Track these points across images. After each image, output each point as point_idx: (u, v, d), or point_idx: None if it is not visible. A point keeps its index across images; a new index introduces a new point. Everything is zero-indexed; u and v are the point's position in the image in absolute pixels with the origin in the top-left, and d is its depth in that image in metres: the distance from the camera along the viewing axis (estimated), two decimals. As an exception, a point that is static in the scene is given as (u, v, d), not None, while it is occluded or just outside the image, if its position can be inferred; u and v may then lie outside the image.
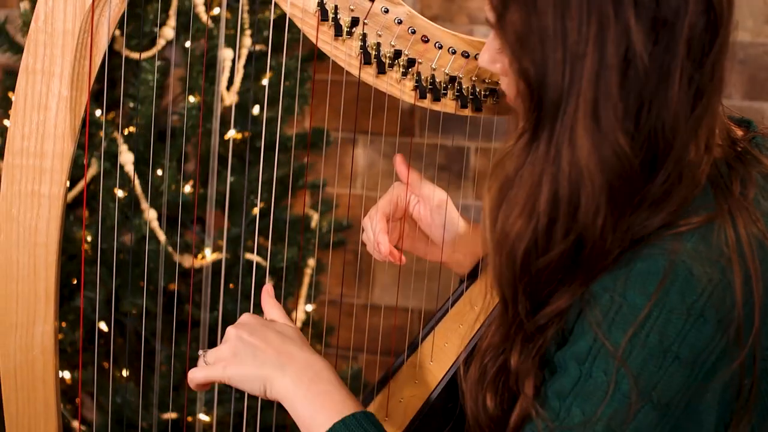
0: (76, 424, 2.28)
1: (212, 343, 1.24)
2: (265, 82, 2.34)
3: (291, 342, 1.19)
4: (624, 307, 1.00)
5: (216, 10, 2.30)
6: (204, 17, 2.27)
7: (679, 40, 0.98)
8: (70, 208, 2.29)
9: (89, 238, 2.25)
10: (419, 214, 1.42)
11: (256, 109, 2.33)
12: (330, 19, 1.26)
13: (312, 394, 1.13)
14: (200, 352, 1.22)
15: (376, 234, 1.36)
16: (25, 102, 1.27)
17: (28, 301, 1.32)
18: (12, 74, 2.28)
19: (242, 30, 2.31)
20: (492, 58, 1.12)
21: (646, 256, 1.01)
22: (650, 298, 0.99)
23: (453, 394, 1.31)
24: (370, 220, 1.38)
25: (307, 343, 1.21)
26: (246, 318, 1.22)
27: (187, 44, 2.33)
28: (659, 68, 0.98)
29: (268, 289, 1.28)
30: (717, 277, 0.99)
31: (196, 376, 1.20)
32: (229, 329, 1.20)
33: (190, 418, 2.29)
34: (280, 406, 1.17)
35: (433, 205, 1.40)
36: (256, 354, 1.17)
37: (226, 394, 2.30)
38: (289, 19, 1.27)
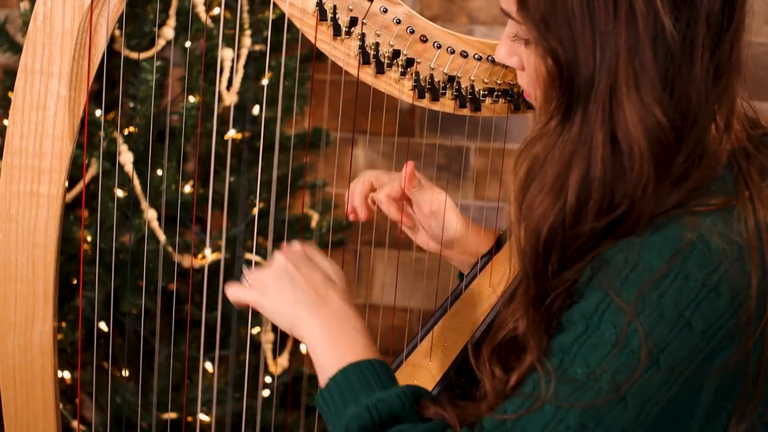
0: (76, 424, 2.28)
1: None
2: (264, 82, 2.34)
3: (332, 287, 1.18)
4: (640, 266, 0.99)
5: (216, 10, 2.30)
6: (204, 17, 2.27)
7: (700, 15, 1.00)
8: (70, 208, 2.29)
9: (89, 238, 2.25)
10: (417, 218, 1.42)
11: (255, 109, 2.33)
12: (329, 19, 1.26)
13: (335, 338, 1.12)
14: (244, 271, 1.22)
15: (353, 196, 1.38)
16: (23, 102, 1.27)
17: (27, 301, 1.32)
18: (12, 74, 2.28)
19: (242, 30, 2.31)
20: (509, 50, 1.12)
21: (663, 226, 1.01)
22: (667, 261, 0.98)
23: (451, 393, 1.31)
24: (357, 181, 1.41)
25: (348, 291, 1.20)
26: (297, 248, 1.22)
27: (187, 44, 2.33)
28: (684, 43, 1.00)
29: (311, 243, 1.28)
30: (734, 255, 0.99)
31: (234, 292, 1.20)
32: (278, 256, 1.20)
33: (189, 418, 2.29)
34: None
35: (430, 211, 1.40)
36: (295, 290, 1.16)
37: (226, 394, 2.30)
38: (288, 19, 1.27)
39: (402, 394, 1.06)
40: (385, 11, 1.26)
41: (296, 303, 1.16)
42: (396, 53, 1.28)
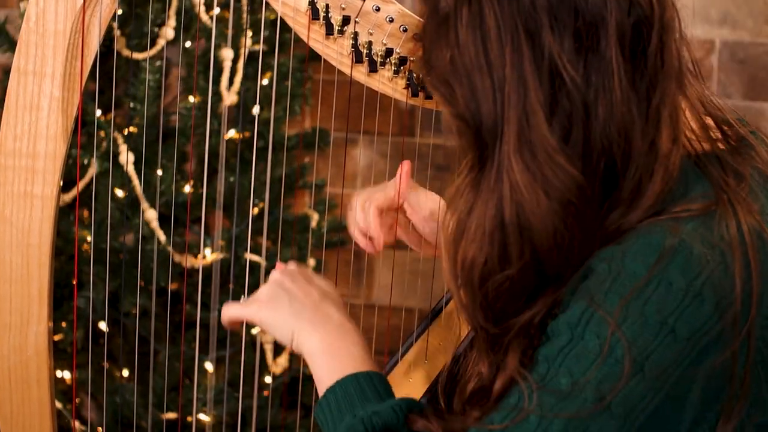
0: (76, 424, 2.29)
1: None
2: (264, 81, 2.34)
3: (330, 302, 1.18)
4: (622, 274, 0.98)
5: (216, 10, 2.30)
6: (204, 17, 2.28)
7: (608, 45, 0.98)
8: (70, 208, 2.29)
9: (89, 238, 2.25)
10: (413, 220, 1.42)
11: (255, 109, 2.33)
12: (321, 18, 1.26)
13: (334, 351, 1.13)
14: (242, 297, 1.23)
15: (372, 229, 1.35)
16: (16, 103, 1.27)
17: (22, 302, 1.32)
18: (12, 75, 2.28)
19: (241, 30, 2.31)
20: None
21: (646, 232, 1.00)
22: (649, 269, 0.98)
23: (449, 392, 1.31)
24: (363, 213, 1.37)
25: (343, 305, 1.20)
26: (293, 267, 1.22)
27: (188, 44, 2.33)
28: (593, 76, 0.98)
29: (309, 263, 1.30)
30: (717, 260, 0.98)
31: (230, 311, 1.21)
32: (274, 273, 1.20)
33: (189, 418, 2.30)
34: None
35: (423, 215, 1.40)
36: (293, 303, 1.17)
37: (225, 394, 2.30)
38: (281, 18, 1.27)
39: (397, 407, 1.06)
40: (378, 9, 1.26)
41: (295, 316, 1.16)
42: (389, 52, 1.27)
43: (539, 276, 1.03)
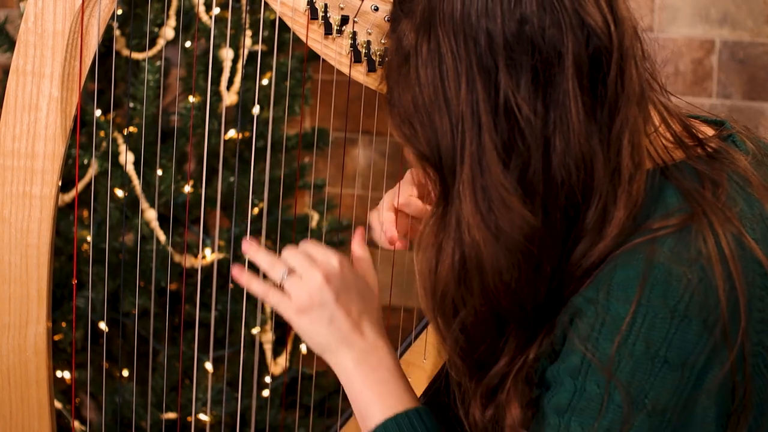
0: (76, 424, 2.29)
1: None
2: (264, 81, 2.34)
3: (367, 315, 1.17)
4: (608, 319, 0.99)
5: (216, 11, 2.30)
6: (204, 17, 2.28)
7: (564, 77, 0.97)
8: (70, 208, 2.29)
9: (89, 238, 2.25)
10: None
11: (255, 109, 2.33)
12: (320, 18, 1.26)
13: (370, 381, 1.14)
14: (282, 273, 1.16)
15: (385, 226, 1.35)
16: (15, 103, 1.27)
17: (21, 303, 1.32)
18: (12, 75, 2.28)
19: (241, 30, 2.31)
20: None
21: (624, 263, 1.00)
22: (632, 304, 0.98)
23: (446, 390, 1.31)
24: (379, 209, 1.37)
25: (380, 312, 1.20)
26: (337, 267, 1.16)
27: (188, 44, 2.33)
28: (551, 110, 0.98)
29: (360, 232, 1.26)
30: (697, 277, 0.98)
31: (269, 295, 1.17)
32: (317, 274, 1.14)
33: (189, 418, 2.30)
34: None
35: None
36: (332, 321, 1.14)
37: (225, 394, 2.30)
38: (280, 18, 1.27)
39: None
40: (377, 9, 1.26)
41: (333, 333, 1.15)
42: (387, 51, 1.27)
43: (498, 317, 1.05)
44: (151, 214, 2.25)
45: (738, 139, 1.11)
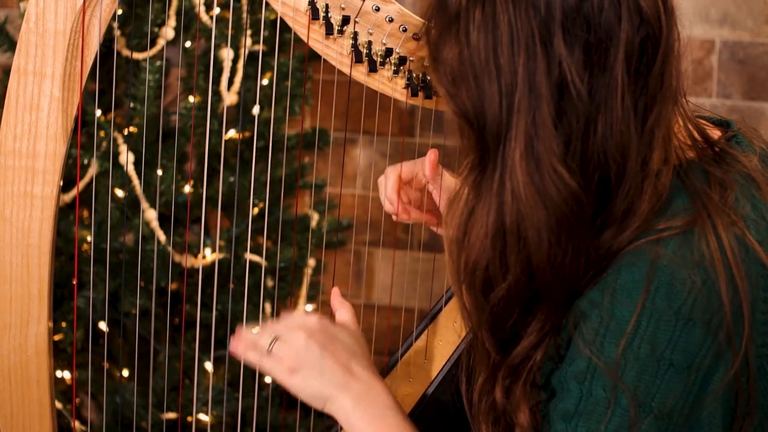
0: (76, 424, 2.29)
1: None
2: (264, 81, 2.34)
3: (356, 359, 1.18)
4: (612, 322, 0.99)
5: (216, 11, 2.30)
6: (204, 17, 2.28)
7: (616, 60, 0.98)
8: (70, 208, 2.29)
9: (89, 238, 2.25)
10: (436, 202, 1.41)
11: (255, 109, 2.33)
12: (321, 18, 1.26)
13: (370, 416, 1.14)
14: (269, 341, 1.19)
15: (388, 192, 1.35)
16: (16, 103, 1.27)
17: (22, 302, 1.32)
18: (12, 75, 2.28)
19: (241, 30, 2.31)
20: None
21: (628, 266, 1.00)
22: (636, 307, 0.98)
23: (447, 390, 1.31)
24: (384, 178, 1.37)
25: (369, 356, 1.20)
26: (317, 324, 1.19)
27: (188, 44, 2.33)
28: (598, 91, 0.98)
29: (336, 290, 1.28)
30: (701, 280, 0.98)
31: (258, 362, 1.19)
32: (300, 334, 1.17)
33: (189, 418, 2.30)
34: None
35: (449, 196, 1.39)
36: (323, 372, 1.16)
37: (225, 394, 2.30)
38: (281, 18, 1.27)
39: None
40: (378, 9, 1.26)
41: (327, 384, 1.16)
42: (389, 51, 1.28)
43: (532, 291, 1.04)
44: (151, 214, 2.25)
45: (743, 140, 1.11)
